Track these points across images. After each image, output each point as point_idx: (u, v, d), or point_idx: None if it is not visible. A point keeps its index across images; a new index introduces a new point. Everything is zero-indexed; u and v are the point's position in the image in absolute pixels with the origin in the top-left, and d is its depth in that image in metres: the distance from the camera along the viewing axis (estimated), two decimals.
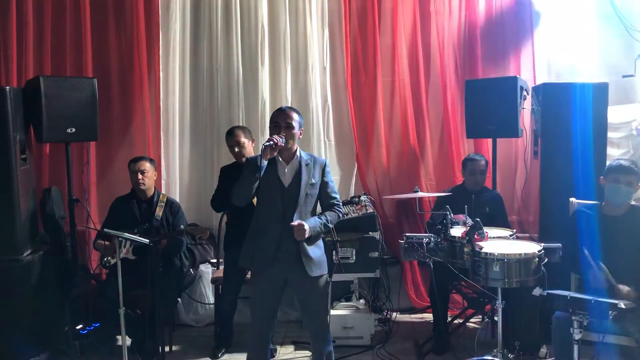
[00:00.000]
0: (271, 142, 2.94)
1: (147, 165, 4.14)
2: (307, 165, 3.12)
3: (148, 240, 3.36)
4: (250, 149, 4.09)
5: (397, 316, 4.66)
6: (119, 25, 4.84)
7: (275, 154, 3.02)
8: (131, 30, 4.79)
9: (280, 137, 2.98)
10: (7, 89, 3.90)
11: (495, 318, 3.49)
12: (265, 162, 2.94)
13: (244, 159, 4.04)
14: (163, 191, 4.73)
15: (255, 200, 3.16)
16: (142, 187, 4.12)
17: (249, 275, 4.27)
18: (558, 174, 4.08)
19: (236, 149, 4.03)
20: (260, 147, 2.99)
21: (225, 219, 4.36)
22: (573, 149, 4.03)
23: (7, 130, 3.88)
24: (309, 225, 3.04)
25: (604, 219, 3.27)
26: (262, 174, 2.95)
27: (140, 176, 4.09)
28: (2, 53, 4.61)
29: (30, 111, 4.09)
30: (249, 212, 3.46)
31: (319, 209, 3.25)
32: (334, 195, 3.23)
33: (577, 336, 2.68)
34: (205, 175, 4.94)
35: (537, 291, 2.85)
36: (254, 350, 3.22)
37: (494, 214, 4.10)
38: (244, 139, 4.04)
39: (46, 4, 4.70)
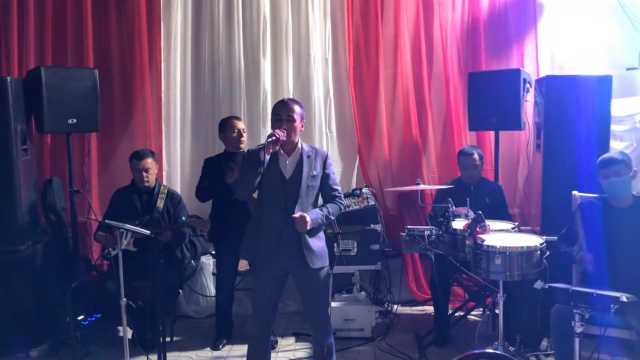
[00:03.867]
0: (273, 138, 2.93)
1: (150, 163, 4.11)
2: (308, 157, 3.11)
3: (149, 232, 3.35)
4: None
5: (398, 308, 4.67)
6: (120, 15, 4.82)
7: (278, 147, 3.01)
8: (132, 21, 4.77)
9: (282, 132, 2.98)
10: (8, 79, 3.90)
11: (497, 311, 3.49)
12: (267, 157, 2.93)
13: (242, 147, 4.06)
14: (164, 183, 4.73)
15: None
16: (147, 184, 4.11)
17: (242, 267, 4.29)
18: (561, 167, 4.06)
19: (243, 137, 4.09)
20: (265, 141, 2.97)
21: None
22: (576, 142, 4.02)
23: (8, 121, 3.88)
24: (311, 217, 3.03)
25: (611, 211, 3.24)
26: (264, 168, 2.94)
27: (144, 174, 4.08)
28: (3, 43, 4.58)
29: (31, 102, 4.08)
30: (233, 204, 3.43)
31: (320, 201, 3.24)
32: (335, 187, 3.22)
33: (578, 329, 2.67)
34: None
35: (538, 284, 2.84)
36: (255, 342, 3.21)
37: (494, 204, 4.09)
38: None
39: None
